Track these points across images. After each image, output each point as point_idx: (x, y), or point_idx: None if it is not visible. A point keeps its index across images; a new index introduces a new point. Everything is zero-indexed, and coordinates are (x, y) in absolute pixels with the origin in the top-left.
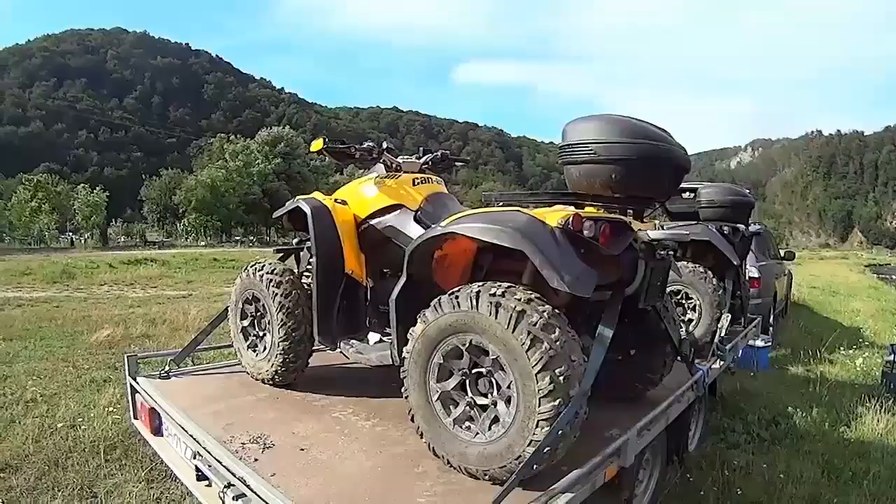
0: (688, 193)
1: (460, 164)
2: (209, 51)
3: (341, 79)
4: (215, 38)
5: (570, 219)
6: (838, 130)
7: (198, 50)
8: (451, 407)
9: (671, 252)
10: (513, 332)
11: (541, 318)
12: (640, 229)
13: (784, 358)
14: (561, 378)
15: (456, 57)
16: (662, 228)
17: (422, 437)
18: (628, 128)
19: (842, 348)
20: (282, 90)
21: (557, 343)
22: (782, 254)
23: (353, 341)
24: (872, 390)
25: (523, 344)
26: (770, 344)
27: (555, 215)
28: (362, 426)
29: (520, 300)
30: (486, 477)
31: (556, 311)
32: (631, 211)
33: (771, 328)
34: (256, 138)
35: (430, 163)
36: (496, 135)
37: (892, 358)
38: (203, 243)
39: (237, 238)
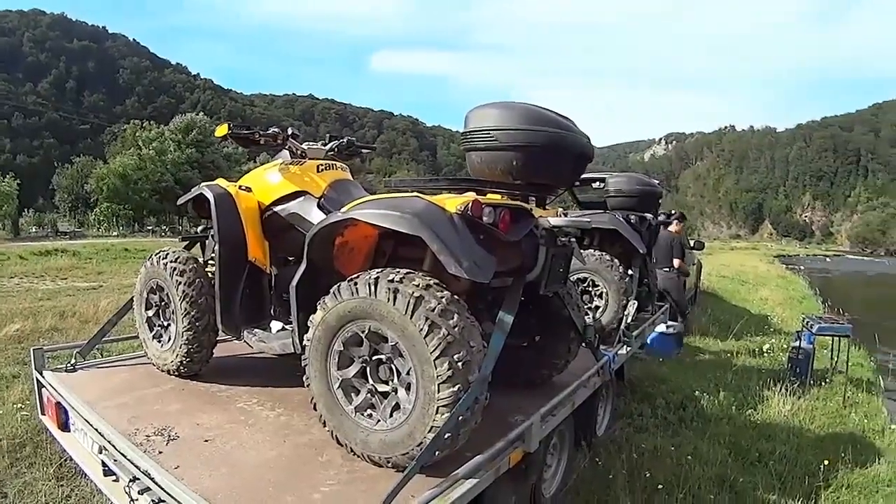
0: (598, 183)
1: (366, 150)
2: (126, 34)
3: (258, 66)
4: (134, 21)
5: (469, 205)
6: (751, 126)
7: (115, 33)
8: (352, 394)
9: (573, 239)
10: (411, 318)
11: (439, 303)
12: (541, 216)
13: (694, 344)
14: (459, 364)
15: (374, 45)
16: (565, 216)
17: (325, 426)
18: (530, 115)
19: (750, 335)
20: (197, 76)
21: (455, 329)
22: (692, 244)
23: (257, 330)
24: (779, 375)
25: (421, 330)
26: (680, 331)
27: (454, 201)
28: (267, 416)
29: (418, 286)
30: (390, 464)
31: (455, 296)
32: (533, 198)
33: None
34: (170, 125)
35: (335, 149)
36: (411, 124)
37: (797, 344)
38: (115, 233)
39: (149, 228)
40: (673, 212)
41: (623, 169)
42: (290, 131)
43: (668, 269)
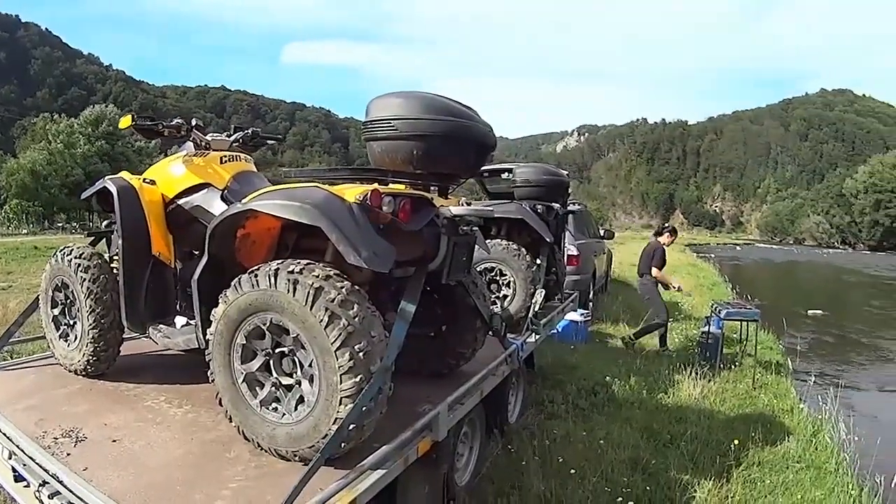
0: (506, 174)
1: (271, 141)
2: (39, 23)
3: (171, 56)
4: (48, 9)
5: (369, 195)
6: (663, 119)
7: (27, 22)
8: (256, 388)
9: (475, 228)
10: (311, 309)
11: (339, 294)
12: (442, 205)
13: (604, 331)
14: (361, 354)
15: (287, 36)
16: (468, 205)
17: (231, 421)
18: (430, 104)
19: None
20: (109, 67)
21: (356, 319)
22: (602, 233)
23: (162, 326)
24: (689, 360)
25: (321, 321)
26: (589, 318)
27: (353, 191)
28: (174, 413)
29: (318, 277)
30: (297, 458)
31: (356, 287)
32: (435, 187)
33: (591, 303)
34: (80, 118)
35: (240, 141)
36: (324, 115)
37: (707, 329)
38: (25, 231)
39: (59, 225)
40: (666, 225)
41: (535, 160)
42: (193, 122)
43: (644, 275)
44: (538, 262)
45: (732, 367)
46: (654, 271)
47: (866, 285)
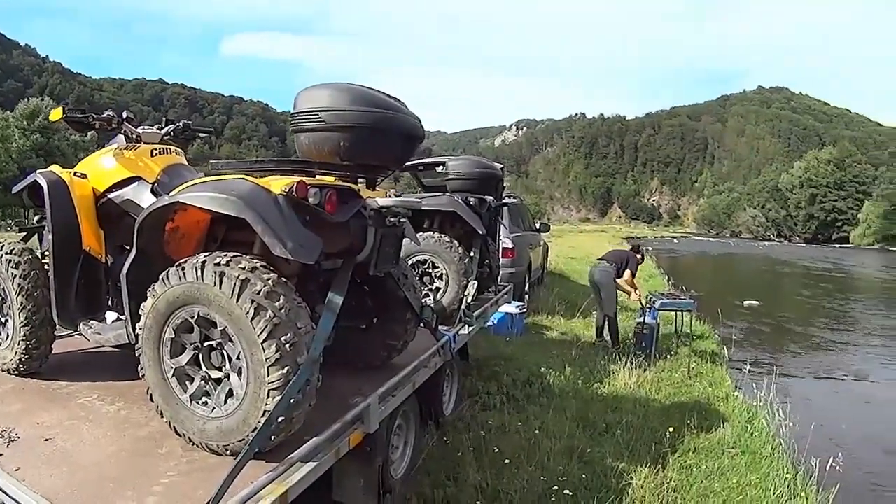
0: (440, 167)
1: (204, 134)
2: None
3: (110, 48)
4: None
5: (295, 186)
6: (601, 114)
7: None
8: (186, 383)
9: (402, 219)
10: (237, 301)
11: (265, 286)
12: (369, 197)
13: (540, 323)
14: (287, 346)
15: (228, 28)
16: (398, 197)
17: (162, 417)
18: (357, 96)
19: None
20: (46, 59)
21: (282, 311)
22: (537, 226)
23: (93, 322)
24: (624, 349)
25: (247, 313)
26: (525, 310)
27: (279, 183)
28: (107, 411)
29: (244, 269)
30: (228, 452)
31: (283, 279)
32: (363, 179)
33: (527, 296)
34: (14, 111)
35: (171, 133)
36: (262, 109)
37: (641, 319)
38: None
39: None
40: (639, 245)
41: (474, 154)
42: (124, 115)
43: (610, 265)
44: (471, 254)
45: (668, 356)
46: (628, 274)
47: (800, 276)
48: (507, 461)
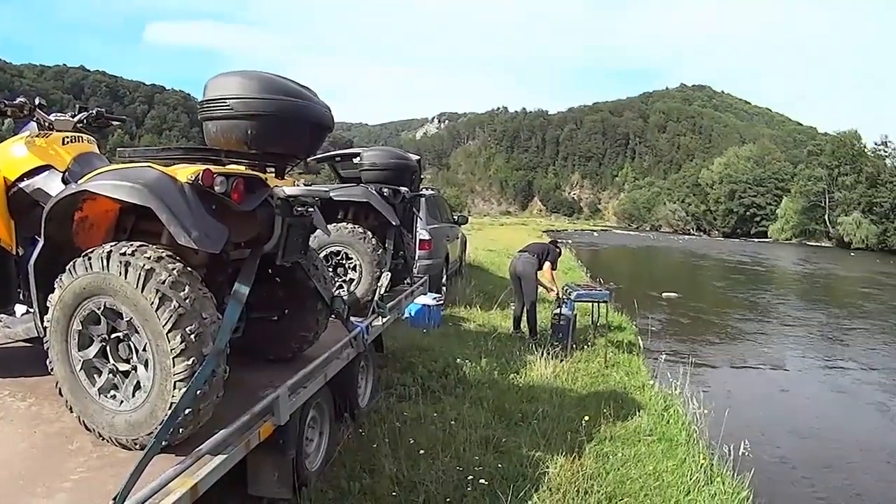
0: (356, 158)
1: (117, 122)
2: None
3: (33, 34)
4: None
5: (201, 174)
6: (524, 108)
7: None
8: (95, 376)
9: (310, 209)
10: (142, 291)
11: (170, 275)
12: (276, 186)
13: (458, 315)
14: (192, 336)
15: (151, 15)
16: (309, 186)
17: (72, 412)
18: (266, 84)
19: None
20: None
21: (187, 301)
22: (455, 218)
23: (3, 315)
24: (542, 340)
25: (152, 303)
26: (442, 302)
27: (186, 171)
28: (18, 407)
29: (149, 258)
30: (137, 446)
31: (189, 269)
32: (272, 168)
33: (444, 287)
34: None
35: (84, 121)
36: (183, 99)
37: (559, 311)
38: None
39: None
40: (559, 244)
41: (395, 147)
42: (37, 101)
43: (532, 256)
44: (385, 245)
45: (585, 347)
46: (548, 266)
47: (719, 269)
48: (422, 452)
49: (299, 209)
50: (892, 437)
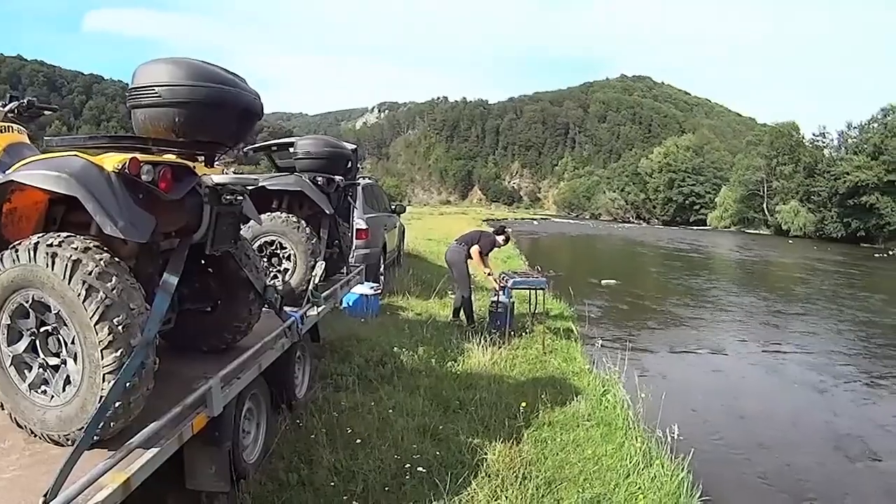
0: (292, 148)
1: (49, 112)
2: None
3: None
4: None
5: (128, 163)
6: (464, 98)
7: None
8: (25, 371)
9: (240, 197)
10: (69, 282)
11: (97, 266)
12: (204, 174)
13: (396, 304)
14: (120, 327)
15: (91, 2)
16: (236, 174)
17: (3, 409)
18: (194, 71)
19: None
20: None
21: (115, 291)
22: (393, 207)
23: None
24: (480, 328)
25: (79, 294)
26: (380, 292)
27: (112, 160)
28: None
29: (76, 249)
30: (70, 442)
31: (116, 259)
32: (202, 156)
33: (382, 276)
34: None
35: (15, 111)
36: (122, 89)
37: (496, 299)
38: None
39: None
40: (506, 228)
41: (335, 137)
42: None
43: (461, 245)
44: (320, 234)
45: (524, 334)
46: (475, 250)
47: (658, 257)
48: (360, 441)
49: (228, 197)
50: (828, 417)
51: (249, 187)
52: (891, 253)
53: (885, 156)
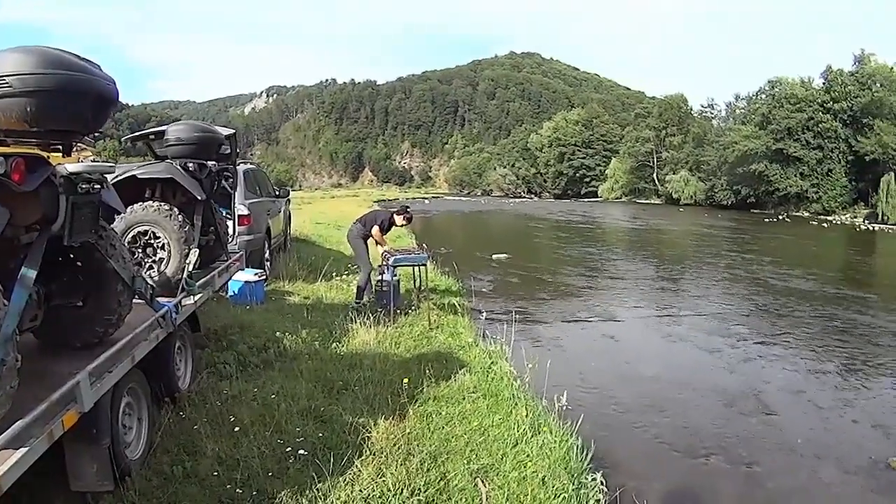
0: (165, 135)
1: None
2: None
3: None
4: None
5: None
6: (353, 79)
7: None
8: None
9: (97, 185)
10: None
11: None
12: (59, 164)
13: (282, 290)
14: None
15: None
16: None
17: None
18: (45, 58)
19: (340, 275)
20: None
21: None
22: (278, 192)
23: None
24: (364, 307)
25: None
26: (265, 278)
27: None
28: None
29: None
30: None
31: None
32: (58, 146)
33: (267, 262)
34: None
35: None
36: None
37: (381, 277)
38: None
39: None
40: (407, 208)
41: (223, 124)
42: None
43: (358, 225)
44: (194, 221)
45: (410, 311)
46: (375, 230)
47: (548, 229)
48: (241, 429)
49: (84, 186)
50: (721, 376)
51: (111, 175)
52: (780, 217)
53: (772, 125)
